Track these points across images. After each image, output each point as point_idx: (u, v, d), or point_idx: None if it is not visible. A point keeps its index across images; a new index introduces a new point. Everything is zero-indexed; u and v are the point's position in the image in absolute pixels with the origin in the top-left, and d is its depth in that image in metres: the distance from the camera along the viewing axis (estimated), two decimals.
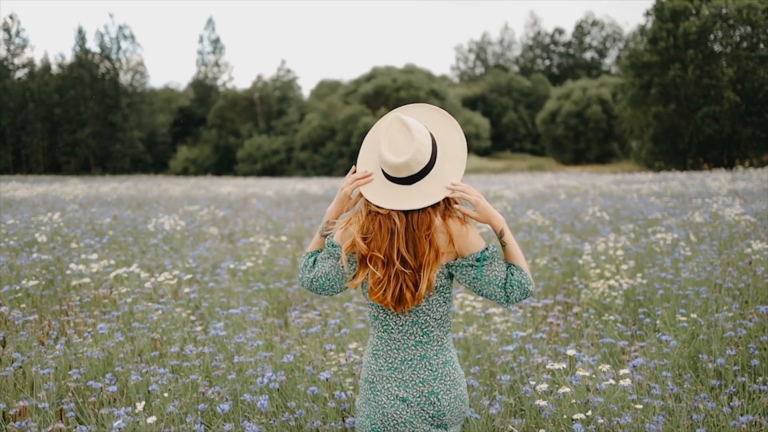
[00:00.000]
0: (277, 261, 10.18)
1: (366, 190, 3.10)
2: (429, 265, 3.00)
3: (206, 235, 13.01)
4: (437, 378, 3.13)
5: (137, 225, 13.95)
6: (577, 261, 9.74)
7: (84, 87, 78.99)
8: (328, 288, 3.24)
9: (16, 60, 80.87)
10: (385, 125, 3.04)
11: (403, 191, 3.02)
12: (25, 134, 77.87)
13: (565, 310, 7.83)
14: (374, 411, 3.16)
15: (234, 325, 6.67)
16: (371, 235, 3.06)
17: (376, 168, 3.12)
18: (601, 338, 6.48)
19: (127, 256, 10.55)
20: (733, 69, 53.59)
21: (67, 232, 12.20)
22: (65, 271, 9.01)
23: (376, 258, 3.05)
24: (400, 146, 2.98)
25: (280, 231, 13.85)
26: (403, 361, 3.14)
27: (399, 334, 3.15)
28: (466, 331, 6.31)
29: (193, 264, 9.79)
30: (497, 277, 3.08)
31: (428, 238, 3.01)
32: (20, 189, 27.54)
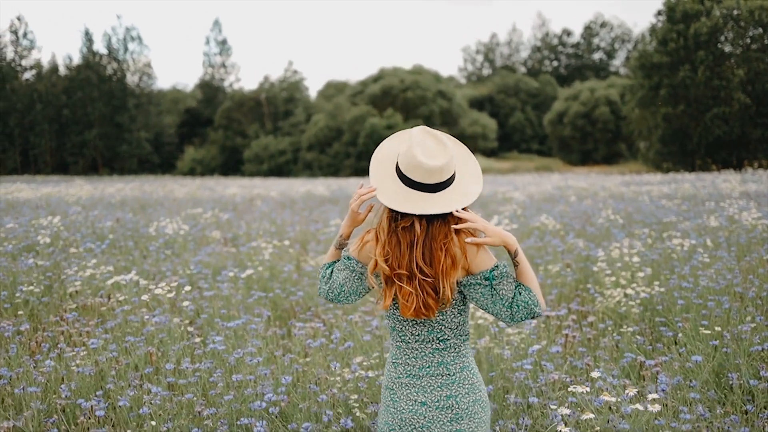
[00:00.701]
0: (280, 267, 9.88)
1: (388, 201, 3.11)
2: (446, 273, 3.06)
3: (209, 239, 12.73)
4: (455, 382, 3.17)
5: (139, 228, 13.67)
6: (590, 267, 9.43)
7: (91, 88, 79.20)
8: (344, 298, 3.33)
9: (24, 62, 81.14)
10: (415, 135, 3.11)
11: (427, 198, 3.07)
12: (33, 135, 78.11)
13: (580, 319, 7.52)
14: (393, 416, 3.21)
15: (235, 336, 6.38)
16: (391, 254, 3.12)
17: (392, 178, 3.16)
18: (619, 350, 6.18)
19: (127, 262, 10.26)
20: (743, 70, 53.22)
21: (67, 235, 11.94)
22: (62, 278, 8.72)
23: (401, 274, 3.11)
24: (434, 152, 3.07)
25: (283, 235, 13.55)
26: (421, 368, 3.19)
27: (416, 343, 3.20)
28: (477, 344, 6.00)
29: (194, 270, 9.50)
30: (505, 296, 3.10)
31: (445, 247, 3.07)
32: (24, 190, 27.32)
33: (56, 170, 78.15)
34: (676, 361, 5.71)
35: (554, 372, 5.26)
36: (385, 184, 3.16)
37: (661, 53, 55.48)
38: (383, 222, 3.16)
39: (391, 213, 3.15)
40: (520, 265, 3.14)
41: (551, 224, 12.56)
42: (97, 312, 7.34)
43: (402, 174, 3.12)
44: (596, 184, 28.04)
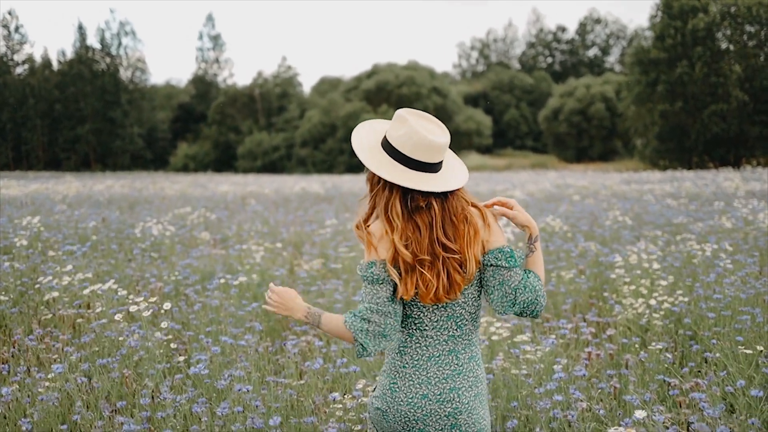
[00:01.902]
0: (272, 271, 9.23)
1: (404, 181, 2.98)
2: (470, 243, 3.00)
3: (197, 240, 12.08)
4: (461, 374, 3.09)
5: (124, 229, 13.02)
6: (605, 273, 8.82)
7: (84, 83, 78.65)
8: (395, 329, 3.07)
9: (16, 56, 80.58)
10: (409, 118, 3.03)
11: (432, 177, 3.02)
12: (25, 130, 77.59)
13: (599, 332, 6.92)
14: (389, 405, 3.11)
15: (223, 353, 5.77)
16: (412, 239, 3.01)
17: (391, 164, 3.04)
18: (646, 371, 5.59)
19: (109, 266, 9.59)
20: (741, 67, 52.81)
21: (48, 236, 11.29)
22: (36, 286, 8.07)
23: (422, 260, 3.00)
24: (435, 129, 3.03)
25: (276, 236, 12.91)
26: (430, 357, 3.09)
27: (433, 330, 3.10)
28: (492, 365, 5.40)
29: (180, 276, 8.85)
30: (512, 279, 3.05)
31: (464, 217, 3.03)
32: (12, 187, 26.64)
33: (48, 166, 77.65)
34: (714, 384, 5.13)
35: (582, 400, 4.66)
36: (386, 167, 3.03)
37: (659, 49, 55.05)
38: (396, 207, 3.02)
39: (402, 196, 3.03)
40: (537, 252, 3.16)
41: (557, 225, 11.95)
42: (71, 324, 6.72)
43: (404, 156, 3.02)
44: (596, 183, 27.47)
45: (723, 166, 48.98)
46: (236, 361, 5.54)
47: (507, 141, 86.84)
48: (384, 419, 3.13)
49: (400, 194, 3.03)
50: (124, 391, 5.06)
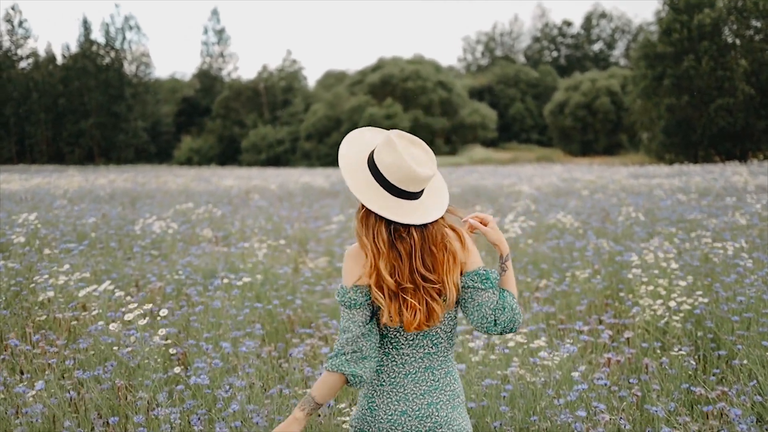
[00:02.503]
0: (276, 270, 8.94)
1: (388, 214, 2.98)
2: (450, 271, 3.01)
3: (199, 238, 11.77)
4: (438, 389, 3.10)
5: (124, 226, 12.72)
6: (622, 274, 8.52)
7: (88, 77, 78.83)
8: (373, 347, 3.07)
9: (20, 51, 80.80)
10: (398, 143, 2.99)
11: (414, 206, 3.02)
12: (29, 124, 77.94)
13: (616, 335, 6.63)
14: (370, 425, 3.11)
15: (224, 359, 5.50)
16: (395, 267, 3.00)
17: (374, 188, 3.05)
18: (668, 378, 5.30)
19: (108, 265, 9.29)
20: (747, 61, 52.43)
21: (45, 233, 11.00)
22: (30, 285, 7.77)
23: (406, 288, 3.00)
24: (423, 161, 3.01)
25: (280, 233, 12.60)
26: (406, 375, 3.10)
27: (408, 349, 3.11)
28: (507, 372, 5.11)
29: (181, 275, 8.55)
30: (490, 299, 3.07)
31: (443, 245, 3.02)
32: (14, 181, 26.39)
33: (52, 160, 77.70)
34: (742, 393, 4.84)
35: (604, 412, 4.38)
36: (371, 194, 3.03)
37: (665, 43, 54.67)
38: (382, 234, 3.01)
39: (388, 224, 3.02)
40: (509, 270, 3.18)
41: (568, 222, 11.64)
42: (66, 328, 6.44)
43: (389, 184, 3.01)
44: (604, 177, 27.12)
45: (729, 159, 48.56)
46: (238, 369, 5.27)
47: (512, 134, 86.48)
48: None
49: (385, 222, 3.02)
50: (116, 404, 4.78)
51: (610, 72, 79.92)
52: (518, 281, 8.34)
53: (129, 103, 79.90)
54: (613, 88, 74.28)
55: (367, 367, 3.02)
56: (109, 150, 79.85)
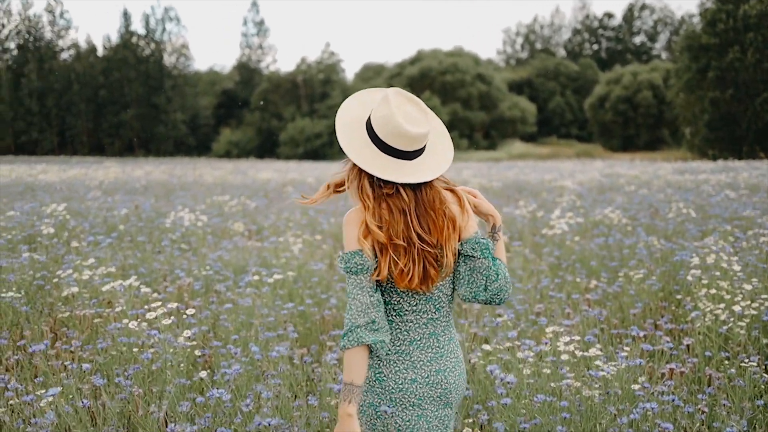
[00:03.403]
0: (310, 266, 8.51)
1: (369, 167, 2.95)
2: (449, 238, 2.98)
3: (231, 231, 11.39)
4: (444, 356, 3.09)
5: (156, 218, 12.38)
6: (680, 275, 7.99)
7: (128, 69, 79.20)
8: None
9: (61, 42, 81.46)
10: (392, 99, 2.97)
11: (406, 166, 2.97)
12: (70, 116, 78.45)
13: (675, 342, 6.13)
14: (380, 396, 3.05)
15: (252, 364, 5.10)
16: (385, 221, 2.95)
17: (364, 142, 3.01)
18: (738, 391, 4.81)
19: (136, 259, 8.92)
20: None
21: (74, 224, 10.68)
22: (54, 280, 7.42)
23: (397, 245, 2.95)
24: (416, 118, 2.96)
25: (316, 227, 12.19)
26: (411, 342, 3.06)
27: (412, 315, 3.07)
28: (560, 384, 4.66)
29: (210, 271, 8.16)
30: (483, 266, 3.04)
31: (443, 212, 2.99)
32: (51, 172, 26.29)
33: (93, 151, 78.19)
34: None
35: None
36: (358, 148, 2.98)
37: (709, 35, 53.58)
38: (365, 187, 2.98)
39: (371, 178, 2.98)
40: (500, 241, 3.19)
41: (616, 218, 11.11)
42: (88, 325, 6.08)
43: (379, 140, 2.97)
44: (647, 172, 26.47)
45: None
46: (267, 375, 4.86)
47: (551, 129, 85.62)
48: (374, 410, 3.06)
49: (368, 176, 2.98)
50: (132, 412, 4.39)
51: (652, 65, 78.77)
52: (566, 281, 7.85)
53: (168, 95, 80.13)
54: (655, 82, 73.16)
55: (383, 334, 2.96)
56: (149, 142, 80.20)
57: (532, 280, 7.72)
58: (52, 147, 77.33)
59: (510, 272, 8.05)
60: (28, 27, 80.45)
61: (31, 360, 5.38)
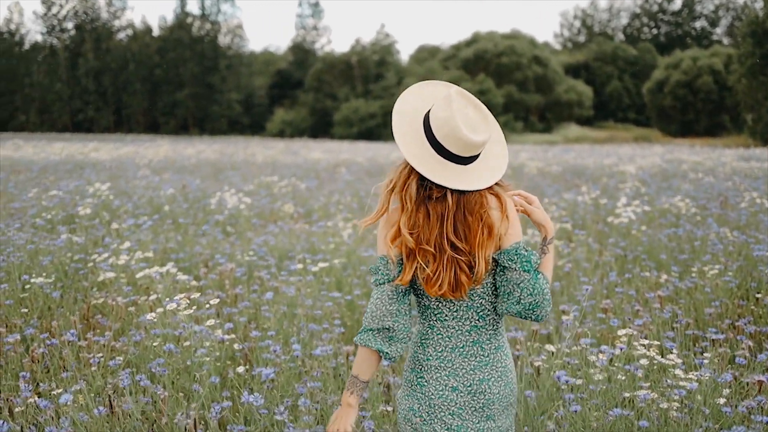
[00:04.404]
0: (360, 252, 8.03)
1: (421, 166, 2.81)
2: (483, 244, 2.84)
3: (279, 213, 10.96)
4: (488, 365, 2.97)
5: (202, 198, 11.99)
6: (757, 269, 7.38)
7: (183, 48, 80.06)
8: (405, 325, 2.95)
9: (117, 22, 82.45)
10: (455, 101, 2.82)
11: (459, 171, 2.84)
12: (126, 95, 79.68)
13: (756, 345, 5.57)
14: (420, 402, 2.98)
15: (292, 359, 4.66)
16: (418, 227, 2.85)
17: (420, 141, 2.86)
18: None
19: (176, 243, 8.52)
20: None
21: (118, 204, 10.35)
22: (88, 264, 7.05)
23: (426, 252, 2.85)
24: (477, 125, 2.84)
25: (367, 210, 11.69)
26: (453, 349, 2.96)
27: (453, 321, 2.97)
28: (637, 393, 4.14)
29: (254, 257, 7.72)
30: (523, 279, 2.87)
31: (480, 217, 2.85)
32: (102, 150, 26.20)
33: (148, 130, 79.21)
34: None
35: None
36: (413, 145, 2.86)
37: None
38: (411, 189, 2.86)
39: (420, 179, 2.86)
40: (549, 254, 3.03)
41: (684, 207, 10.48)
42: (121, 314, 5.69)
43: (436, 141, 2.84)
44: (711, 158, 25.59)
45: None
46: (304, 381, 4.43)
47: (608, 113, 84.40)
48: (419, 416, 2.98)
49: (419, 177, 2.87)
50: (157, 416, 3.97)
51: (712, 50, 76.96)
52: (635, 275, 7.28)
53: (223, 75, 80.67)
54: (715, 67, 71.49)
55: (395, 349, 2.93)
56: (203, 121, 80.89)
57: (597, 273, 7.17)
58: (108, 125, 78.57)
59: (574, 263, 7.52)
60: (85, 7, 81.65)
61: (60, 352, 5.00)
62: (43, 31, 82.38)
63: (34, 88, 79.41)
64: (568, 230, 9.59)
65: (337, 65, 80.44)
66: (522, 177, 17.76)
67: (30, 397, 4.05)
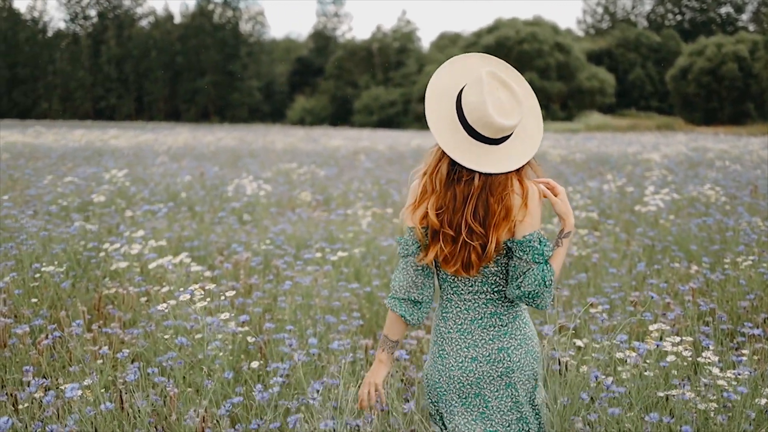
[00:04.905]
0: (379, 241, 7.79)
1: (455, 153, 2.85)
2: (497, 225, 2.89)
3: (297, 201, 10.75)
4: (507, 333, 3.03)
5: (219, 186, 11.81)
6: None
7: (205, 36, 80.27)
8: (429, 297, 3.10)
9: (139, 9, 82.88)
10: (486, 83, 2.82)
11: (491, 152, 2.87)
12: (147, 82, 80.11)
13: None
14: (440, 373, 3.06)
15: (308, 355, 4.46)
16: (444, 209, 2.92)
17: (452, 122, 2.89)
18: None
19: (191, 231, 8.32)
20: None
21: (134, 192, 10.17)
22: (100, 254, 6.86)
23: (446, 234, 2.93)
24: (508, 108, 2.84)
25: (387, 198, 11.48)
26: (473, 321, 3.04)
27: (469, 295, 3.05)
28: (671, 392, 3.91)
29: (271, 246, 7.51)
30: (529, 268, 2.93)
31: (502, 199, 2.89)
32: (121, 137, 26.10)
33: (169, 117, 79.51)
34: None
35: None
36: (445, 128, 2.89)
37: None
38: (442, 170, 2.91)
39: (451, 162, 2.90)
40: (562, 247, 3.03)
41: (713, 195, 10.18)
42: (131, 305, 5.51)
43: (467, 124, 2.86)
44: (737, 147, 25.17)
45: None
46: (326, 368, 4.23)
47: (630, 101, 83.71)
48: (439, 386, 3.07)
49: (449, 160, 2.90)
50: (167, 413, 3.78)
51: (737, 37, 76.09)
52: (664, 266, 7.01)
53: (244, 62, 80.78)
54: (740, 54, 70.70)
55: (418, 316, 3.09)
56: (224, 108, 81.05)
57: (625, 263, 6.92)
58: (129, 113, 79.00)
59: (601, 253, 7.27)
60: None
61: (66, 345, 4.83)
62: (66, 19, 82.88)
63: (56, 75, 79.88)
64: (594, 219, 9.35)
65: (358, 52, 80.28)
66: (545, 165, 17.40)
67: (35, 392, 3.88)
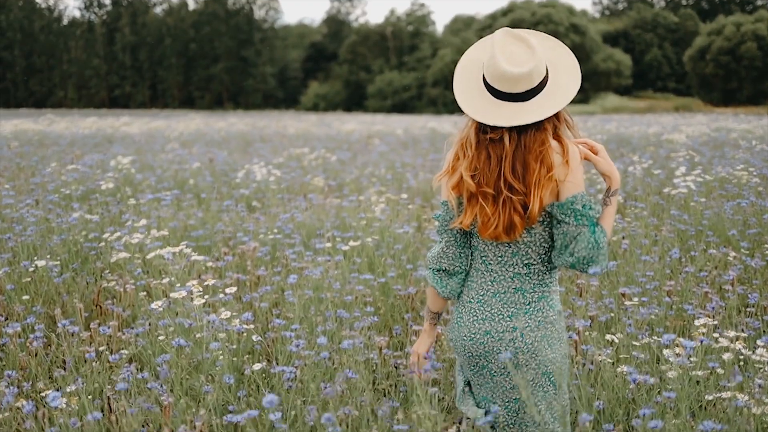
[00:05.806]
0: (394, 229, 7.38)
1: (472, 112, 2.85)
2: (539, 184, 2.79)
3: (308, 187, 10.36)
4: (527, 312, 2.95)
5: (229, 171, 11.44)
6: None
7: (218, 22, 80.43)
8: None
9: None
10: (497, 40, 2.84)
11: (518, 109, 2.79)
12: (161, 69, 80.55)
13: None
14: (454, 340, 3.08)
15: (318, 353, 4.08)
16: (479, 170, 2.87)
17: (479, 90, 2.88)
18: None
19: (196, 220, 7.94)
20: None
21: (140, 179, 9.82)
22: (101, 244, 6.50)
23: (486, 193, 2.86)
24: (519, 58, 2.80)
25: (402, 183, 11.06)
26: (495, 294, 2.99)
27: (497, 266, 2.99)
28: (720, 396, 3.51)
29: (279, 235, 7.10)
30: (579, 232, 2.85)
31: (540, 155, 2.80)
32: (133, 124, 25.83)
33: (183, 104, 79.75)
34: None
35: None
36: (470, 95, 2.88)
37: None
38: (470, 135, 2.90)
39: (479, 125, 2.87)
40: (611, 206, 2.96)
41: (745, 177, 9.72)
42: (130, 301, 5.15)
43: (489, 85, 2.83)
44: (760, 126, 24.60)
45: None
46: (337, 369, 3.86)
47: (647, 82, 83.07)
48: (456, 348, 3.10)
49: (476, 123, 2.89)
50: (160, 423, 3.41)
51: (757, 15, 75.28)
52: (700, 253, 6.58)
53: (257, 48, 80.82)
54: (760, 33, 70.00)
55: (451, 282, 3.07)
56: (238, 95, 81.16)
57: (656, 250, 6.50)
58: (144, 101, 79.32)
59: (630, 239, 6.85)
60: None
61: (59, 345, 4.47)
62: (81, 7, 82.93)
63: (71, 64, 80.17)
64: (620, 203, 8.93)
65: (372, 37, 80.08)
66: None
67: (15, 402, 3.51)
